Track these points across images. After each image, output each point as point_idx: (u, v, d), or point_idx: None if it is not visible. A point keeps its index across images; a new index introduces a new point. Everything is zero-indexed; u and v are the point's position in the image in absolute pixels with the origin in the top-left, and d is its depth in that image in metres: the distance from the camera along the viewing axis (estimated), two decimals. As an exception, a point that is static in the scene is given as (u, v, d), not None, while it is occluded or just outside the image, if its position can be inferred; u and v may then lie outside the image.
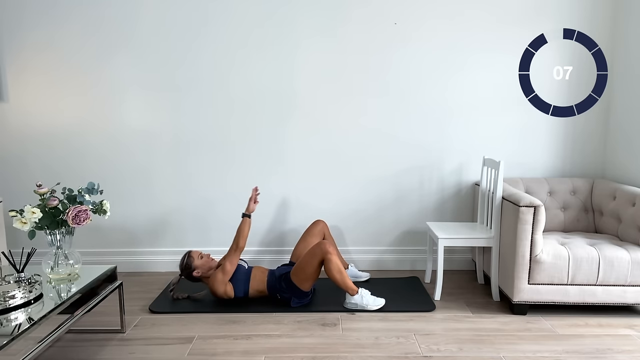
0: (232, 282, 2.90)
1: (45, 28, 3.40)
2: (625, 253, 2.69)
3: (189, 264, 2.92)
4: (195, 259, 2.93)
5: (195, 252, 2.97)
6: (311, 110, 3.50)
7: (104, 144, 3.52)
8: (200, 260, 2.94)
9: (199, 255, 2.96)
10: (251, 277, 2.95)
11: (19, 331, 1.81)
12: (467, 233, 3.07)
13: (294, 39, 3.42)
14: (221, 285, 2.87)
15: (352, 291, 2.85)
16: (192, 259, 2.93)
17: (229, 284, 2.89)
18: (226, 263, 2.88)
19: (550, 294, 2.75)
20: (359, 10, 3.40)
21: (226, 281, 2.88)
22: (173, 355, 2.38)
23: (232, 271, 2.88)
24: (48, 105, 3.48)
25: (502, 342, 2.49)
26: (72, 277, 2.40)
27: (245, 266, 3.03)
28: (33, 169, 3.54)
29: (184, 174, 3.56)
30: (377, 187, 3.59)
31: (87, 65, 3.44)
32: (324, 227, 3.30)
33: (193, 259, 2.93)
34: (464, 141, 3.53)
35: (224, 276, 2.87)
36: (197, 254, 2.96)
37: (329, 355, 2.36)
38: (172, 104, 3.48)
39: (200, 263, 2.93)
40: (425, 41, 3.43)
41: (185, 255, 2.95)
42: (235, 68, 3.45)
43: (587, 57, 3.44)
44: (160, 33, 3.41)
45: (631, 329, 2.64)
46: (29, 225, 2.24)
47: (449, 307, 2.95)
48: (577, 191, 3.36)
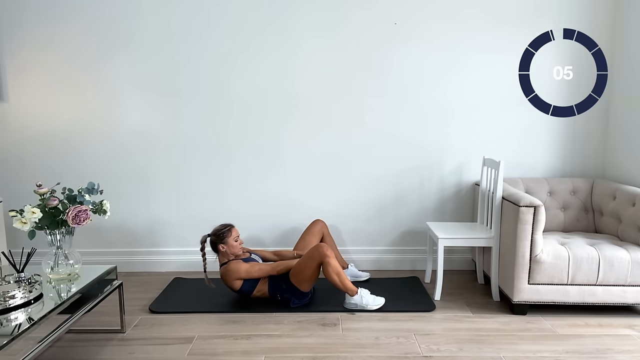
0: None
1: (45, 28, 3.40)
2: (625, 253, 2.68)
3: (222, 236, 2.93)
4: (232, 237, 2.94)
5: (236, 231, 2.98)
6: (312, 111, 3.50)
7: (104, 144, 3.52)
8: (234, 242, 2.95)
9: (237, 236, 2.97)
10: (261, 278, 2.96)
11: (19, 331, 1.81)
12: (467, 233, 3.07)
13: (294, 40, 3.42)
14: (235, 278, 2.88)
15: (352, 292, 2.85)
16: (229, 235, 2.93)
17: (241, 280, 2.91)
18: (255, 269, 2.89)
19: (550, 294, 2.75)
20: (360, 11, 3.39)
21: (242, 278, 2.89)
22: (173, 355, 2.38)
23: (250, 278, 2.90)
24: (48, 105, 3.48)
25: (502, 342, 2.49)
26: (72, 277, 2.40)
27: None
28: (33, 169, 3.54)
29: (184, 174, 3.56)
30: (377, 187, 3.59)
31: (87, 66, 3.44)
32: (323, 227, 3.31)
33: (230, 235, 2.94)
34: (464, 141, 3.53)
35: (242, 274, 2.87)
36: (236, 234, 2.97)
37: (329, 355, 2.36)
38: (172, 105, 3.48)
39: (232, 244, 2.93)
40: (426, 41, 3.43)
41: (227, 227, 2.96)
42: (236, 70, 3.44)
43: (587, 57, 3.44)
44: (161, 34, 3.41)
45: (631, 329, 2.64)
46: (29, 225, 2.24)
47: (449, 307, 2.95)
48: (577, 191, 3.36)
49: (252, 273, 2.89)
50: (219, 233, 2.94)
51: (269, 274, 2.91)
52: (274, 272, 2.91)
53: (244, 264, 2.90)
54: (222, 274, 2.92)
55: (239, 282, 2.90)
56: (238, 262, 2.90)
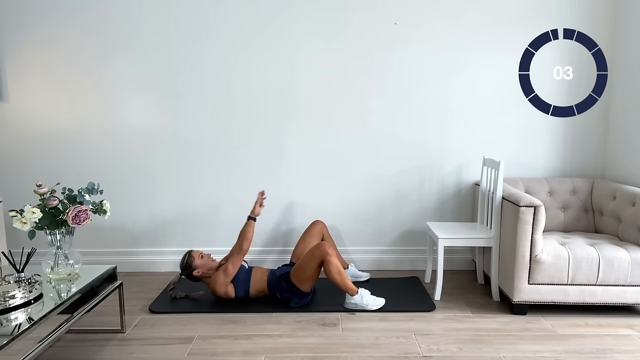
0: (233, 283, 2.90)
1: (45, 29, 3.40)
2: (625, 253, 2.68)
3: (189, 264, 2.92)
4: (196, 258, 2.93)
5: (196, 252, 2.97)
6: (313, 111, 3.50)
7: (104, 144, 3.52)
8: (201, 260, 2.94)
9: (199, 255, 2.96)
10: (252, 277, 2.96)
11: (19, 331, 1.81)
12: (467, 233, 3.07)
13: (295, 41, 3.42)
14: (222, 287, 2.87)
15: (352, 291, 2.85)
16: (192, 259, 2.93)
17: (230, 284, 2.89)
18: (229, 265, 2.88)
19: (550, 294, 2.75)
20: (360, 12, 3.39)
21: (228, 282, 2.88)
22: (173, 355, 2.38)
23: (234, 273, 2.88)
24: (48, 105, 3.48)
25: (502, 342, 2.49)
26: (72, 277, 2.40)
27: (245, 266, 3.03)
28: (33, 169, 3.54)
29: (184, 174, 3.56)
30: (378, 187, 3.59)
31: (87, 66, 3.44)
32: (322, 227, 3.31)
33: (193, 258, 2.93)
34: (464, 141, 3.53)
35: (225, 278, 2.87)
36: (197, 254, 2.96)
37: (329, 355, 2.36)
38: (172, 104, 3.48)
39: (200, 263, 2.93)
40: (426, 42, 3.43)
41: (186, 255, 2.95)
42: (237, 70, 3.44)
43: (587, 57, 3.44)
44: (161, 34, 3.41)
45: (631, 329, 2.64)
46: (29, 225, 2.24)
47: (449, 307, 2.95)
48: (577, 191, 3.36)
49: (228, 269, 2.87)
50: (186, 265, 2.93)
51: (239, 255, 2.88)
52: (242, 252, 2.87)
53: (219, 270, 2.91)
54: (212, 291, 2.92)
55: (230, 289, 2.90)
56: (216, 274, 2.90)
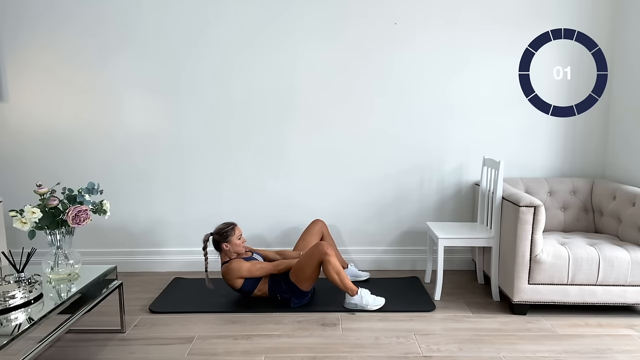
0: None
1: (45, 28, 3.39)
2: (625, 253, 2.68)
3: (226, 234, 2.92)
4: (235, 235, 2.94)
5: (239, 230, 2.98)
6: (312, 110, 3.50)
7: (104, 144, 3.52)
8: (237, 240, 2.95)
9: (240, 235, 2.97)
10: (262, 279, 2.96)
11: (19, 331, 1.81)
12: (467, 233, 3.07)
13: (295, 41, 3.42)
14: (237, 277, 2.88)
15: (352, 291, 2.85)
16: (232, 233, 2.93)
17: (242, 279, 2.91)
18: (257, 267, 2.90)
19: (550, 294, 2.75)
20: (360, 12, 3.39)
21: (244, 277, 2.89)
22: (173, 355, 2.38)
23: (253, 276, 2.90)
24: (48, 105, 3.48)
25: (502, 342, 2.49)
26: (72, 277, 2.40)
27: None
28: (33, 169, 3.54)
29: (184, 174, 3.56)
30: (377, 187, 3.59)
31: (87, 66, 3.43)
32: (322, 227, 3.31)
33: (234, 234, 2.94)
34: (464, 141, 3.53)
35: (245, 274, 2.87)
36: (239, 233, 2.97)
37: (329, 355, 2.36)
38: (172, 104, 3.48)
39: (235, 242, 2.94)
40: (426, 41, 3.43)
41: (230, 225, 2.96)
42: (236, 70, 3.44)
43: (587, 57, 3.44)
44: (161, 34, 3.40)
45: (631, 329, 2.64)
46: (29, 225, 2.24)
47: (448, 307, 2.95)
48: (577, 191, 3.36)
49: (253, 272, 2.89)
50: (223, 232, 2.93)
51: (270, 272, 2.91)
52: (275, 271, 2.91)
53: (246, 263, 2.90)
54: (224, 272, 2.92)
55: (240, 281, 2.90)
56: (240, 261, 2.90)
